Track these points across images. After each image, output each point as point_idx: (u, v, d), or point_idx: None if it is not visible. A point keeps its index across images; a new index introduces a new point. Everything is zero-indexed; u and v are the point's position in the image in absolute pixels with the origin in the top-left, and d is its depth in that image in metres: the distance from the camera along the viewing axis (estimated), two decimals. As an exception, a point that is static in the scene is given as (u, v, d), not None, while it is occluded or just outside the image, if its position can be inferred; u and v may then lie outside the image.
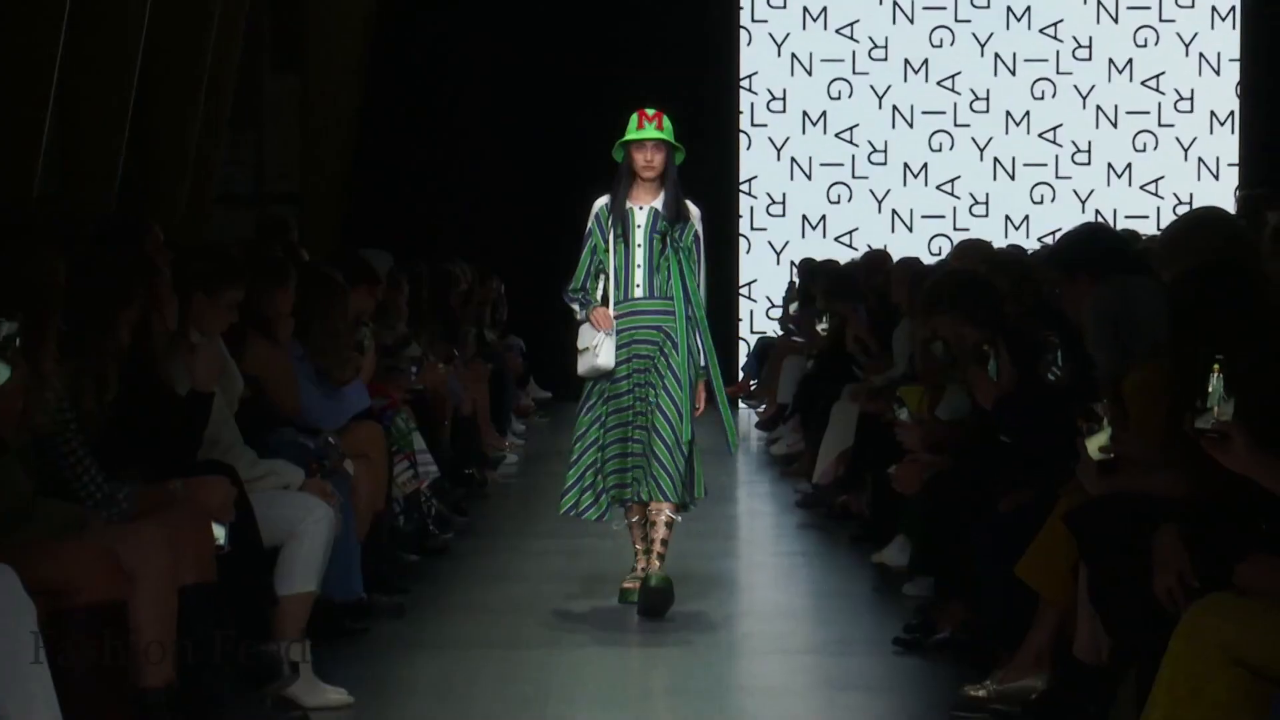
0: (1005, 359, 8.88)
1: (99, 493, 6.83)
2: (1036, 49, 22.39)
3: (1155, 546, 6.22)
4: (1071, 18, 22.33)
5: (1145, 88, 22.39)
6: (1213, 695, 5.59)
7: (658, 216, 10.21)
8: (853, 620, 10.54)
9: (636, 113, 10.17)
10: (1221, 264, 6.59)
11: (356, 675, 8.82)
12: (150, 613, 6.54)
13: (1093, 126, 22.40)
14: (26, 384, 6.12)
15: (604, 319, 10.18)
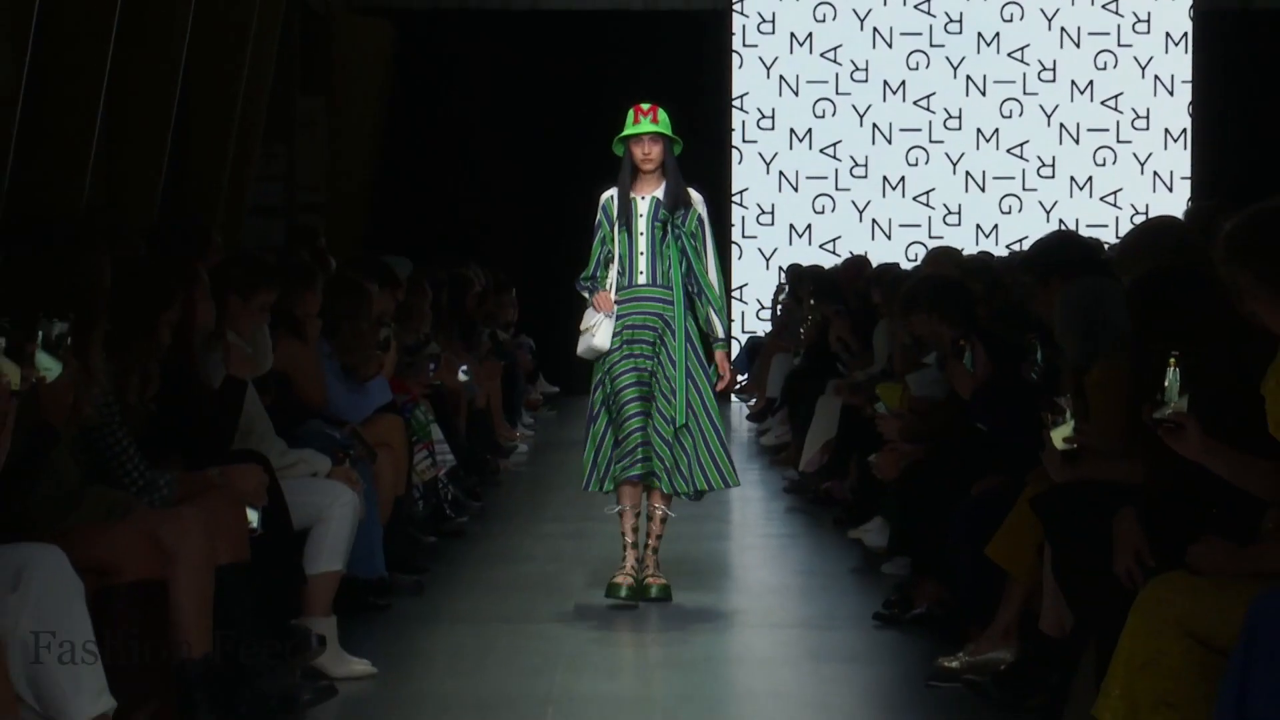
0: (981, 353, 8.88)
1: (142, 480, 6.82)
2: (1005, 71, 22.37)
3: (1115, 529, 6.21)
4: (1037, 42, 22.32)
5: (1105, 107, 22.38)
6: (1167, 665, 5.59)
7: (659, 205, 9.95)
8: (836, 597, 10.52)
9: (633, 109, 9.95)
10: (1176, 269, 6.59)
11: (379, 647, 8.82)
12: (189, 590, 6.54)
13: (1056, 143, 22.39)
14: (76, 379, 6.12)
15: (604, 302, 9.95)
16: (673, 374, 9.87)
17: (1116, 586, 6.08)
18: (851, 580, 10.97)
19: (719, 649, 9.09)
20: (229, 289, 8.60)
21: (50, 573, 5.29)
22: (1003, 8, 22.36)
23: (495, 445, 15.91)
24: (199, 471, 7.35)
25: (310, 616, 8.37)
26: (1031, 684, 7.64)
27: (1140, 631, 5.66)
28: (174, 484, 6.99)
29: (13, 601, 5.15)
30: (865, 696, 8.35)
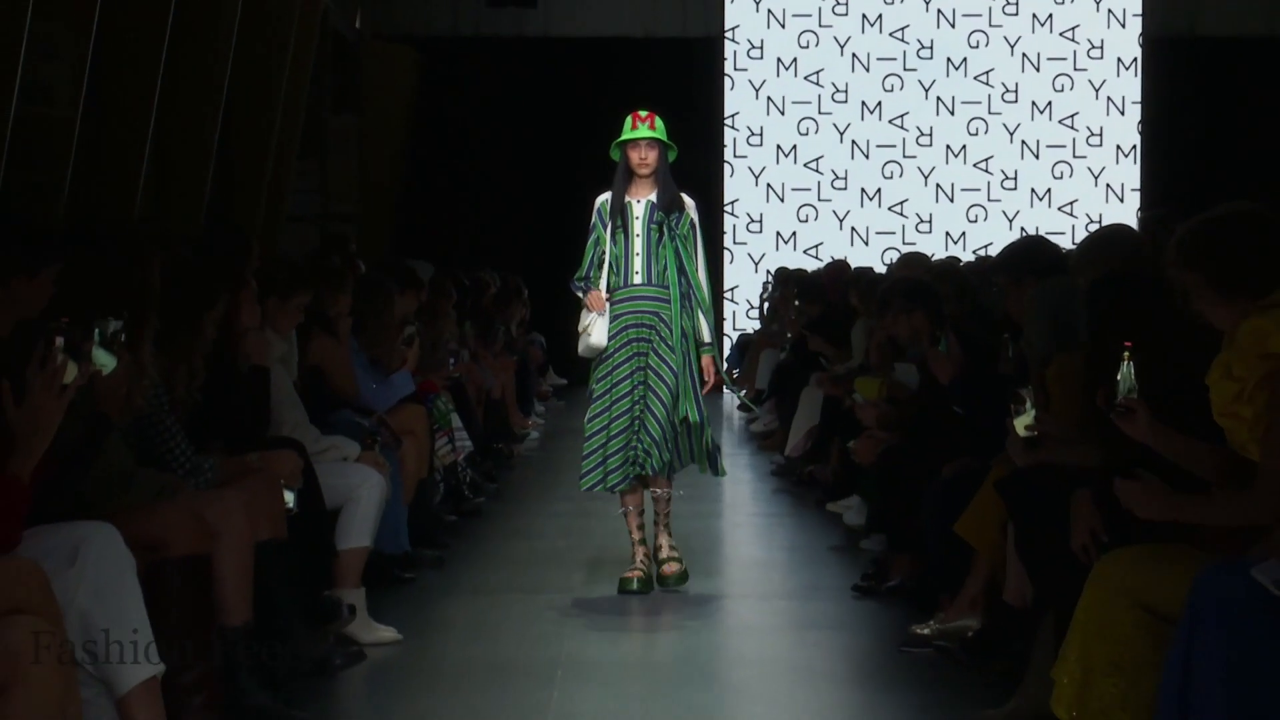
0: (955, 344, 8.87)
1: (188, 464, 6.82)
2: (971, 93, 22.39)
3: (1072, 508, 6.21)
4: (1000, 67, 22.34)
5: (1062, 125, 22.40)
6: (1119, 633, 5.58)
7: (654, 209, 9.47)
8: (818, 570, 10.52)
9: (630, 115, 9.52)
10: (1128, 272, 6.58)
11: (404, 616, 8.82)
12: (231, 564, 6.54)
13: (1018, 158, 22.41)
14: (129, 373, 6.12)
15: (597, 302, 9.45)
16: (668, 373, 9.40)
17: (1073, 561, 6.08)
18: (832, 555, 10.96)
19: (713, 617, 9.09)
20: (268, 290, 8.62)
21: (105, 548, 5.29)
22: (969, 35, 22.37)
23: (509, 432, 15.91)
24: (240, 456, 7.35)
25: (341, 588, 8.38)
26: (996, 649, 7.64)
27: (1094, 602, 5.65)
28: (217, 468, 7.00)
29: (71, 575, 5.14)
30: (845, 661, 8.34)
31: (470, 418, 12.87)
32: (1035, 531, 6.66)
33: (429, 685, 7.81)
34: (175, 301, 7.12)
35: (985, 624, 7.91)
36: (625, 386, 9.43)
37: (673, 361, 9.40)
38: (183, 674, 5.84)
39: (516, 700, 7.46)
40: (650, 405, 9.34)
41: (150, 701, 5.38)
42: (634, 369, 9.43)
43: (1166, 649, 5.22)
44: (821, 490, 12.88)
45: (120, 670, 5.30)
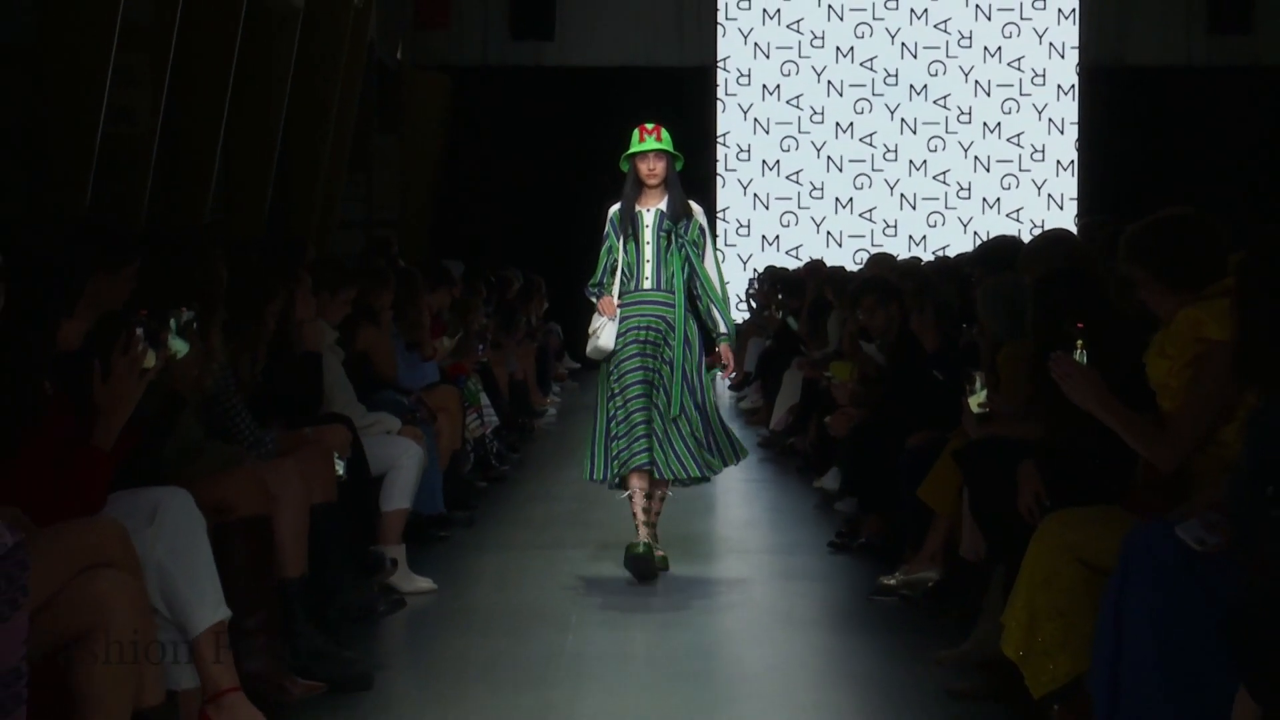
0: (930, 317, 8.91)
1: (251, 437, 6.81)
2: (931, 115, 22.37)
3: (1018, 475, 6.20)
4: (956, 92, 22.32)
5: (1009, 143, 22.38)
6: (1060, 583, 5.57)
7: (662, 217, 8.87)
8: (798, 528, 10.51)
9: (638, 128, 9.00)
10: (1069, 270, 6.57)
11: (439, 568, 8.82)
12: (288, 524, 6.53)
13: (972, 171, 22.39)
14: (200, 357, 6.11)
15: (608, 306, 8.84)
16: (675, 372, 8.82)
17: (1020, 521, 6.07)
18: (811, 515, 10.95)
19: (707, 570, 9.09)
20: (322, 286, 8.63)
21: (179, 510, 5.28)
22: (929, 65, 22.36)
23: (530, 409, 15.92)
24: (296, 430, 7.35)
25: (385, 544, 8.38)
26: (953, 598, 7.64)
27: (1038, 556, 5.65)
28: (276, 440, 6.99)
29: (149, 533, 5.13)
30: (821, 607, 8.33)
31: (496, 396, 12.89)
32: (987, 495, 6.65)
33: (461, 629, 7.81)
34: (240, 295, 7.12)
35: (944, 576, 7.91)
36: (637, 388, 8.82)
37: (673, 366, 8.82)
38: (247, 619, 5.83)
39: (537, 642, 7.46)
40: (660, 405, 8.80)
41: (218, 643, 5.37)
42: (642, 365, 8.84)
43: (1101, 597, 5.22)
44: (801, 459, 12.89)
45: (192, 616, 5.29)
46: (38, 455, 4.86)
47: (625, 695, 6.67)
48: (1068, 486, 6.01)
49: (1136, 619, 5.02)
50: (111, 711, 4.42)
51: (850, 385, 10.85)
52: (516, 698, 6.54)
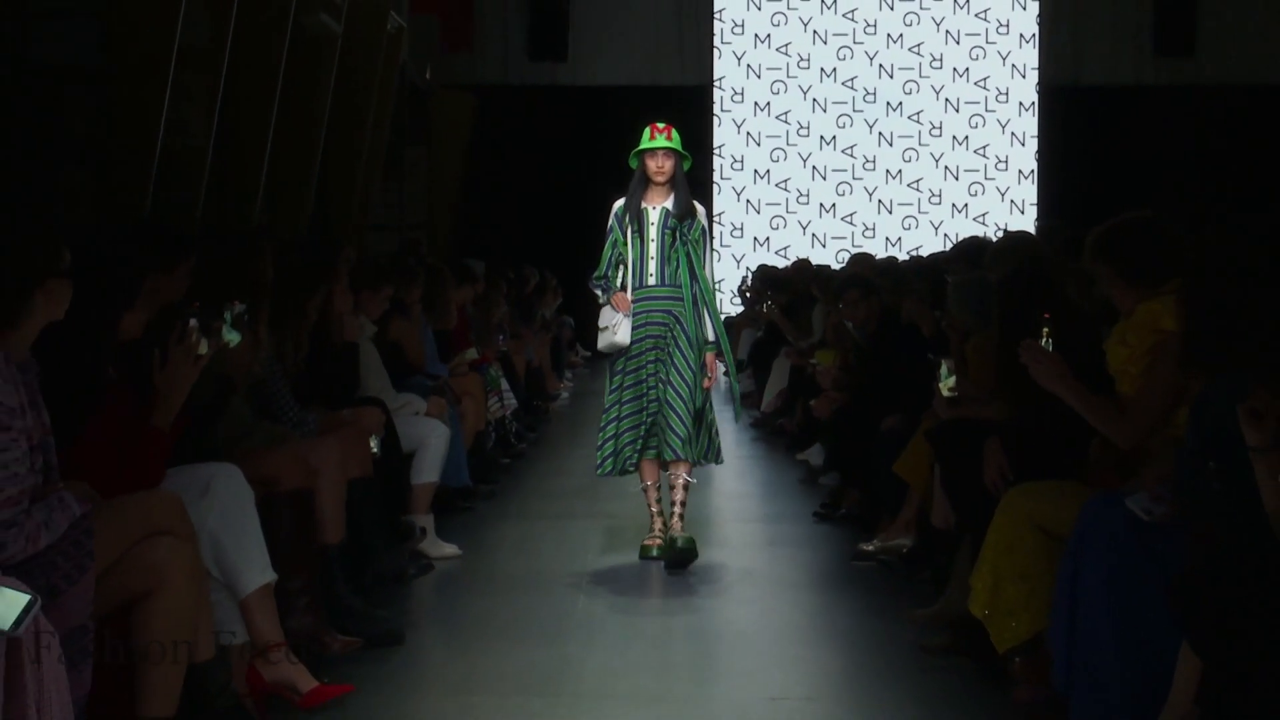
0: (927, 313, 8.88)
1: (295, 418, 6.81)
2: (906, 129, 22.34)
3: (984, 452, 6.19)
4: (928, 108, 22.29)
5: (976, 154, 22.34)
6: (1021, 550, 5.57)
7: (668, 215, 8.23)
8: (786, 500, 10.51)
9: (649, 126, 8.39)
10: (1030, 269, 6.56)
11: (464, 536, 8.82)
12: (328, 496, 6.53)
13: (942, 180, 22.36)
14: (249, 346, 6.11)
15: (623, 303, 8.23)
16: (684, 365, 8.16)
17: (986, 494, 6.06)
18: (798, 488, 10.95)
19: (704, 536, 9.07)
20: (359, 283, 8.64)
21: (230, 483, 5.28)
22: (904, 84, 22.32)
23: (545, 393, 15.91)
24: (335, 412, 7.35)
25: (415, 514, 8.39)
26: (925, 562, 7.65)
27: (1002, 525, 5.65)
28: (317, 421, 6.99)
29: (203, 505, 5.13)
30: (806, 571, 8.33)
31: (515, 382, 12.88)
32: (956, 470, 6.65)
33: (484, 590, 7.80)
34: (284, 290, 7.12)
35: (917, 542, 7.90)
36: (643, 385, 8.26)
37: (690, 358, 8.21)
38: (290, 581, 5.83)
39: (552, 602, 7.46)
40: (669, 398, 8.14)
41: (265, 603, 5.37)
42: (651, 360, 8.24)
43: (1059, 562, 5.22)
44: (789, 438, 12.89)
45: (242, 579, 5.29)
46: (102, 434, 4.86)
47: (631, 649, 6.67)
48: (1029, 462, 6.00)
49: (1091, 582, 5.02)
50: (168, 665, 4.42)
51: (833, 372, 10.85)
52: (534, 652, 6.53)
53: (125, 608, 4.40)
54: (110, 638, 4.34)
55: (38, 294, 4.20)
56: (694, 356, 8.20)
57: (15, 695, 3.49)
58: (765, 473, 12.06)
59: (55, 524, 4.11)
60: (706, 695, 6.02)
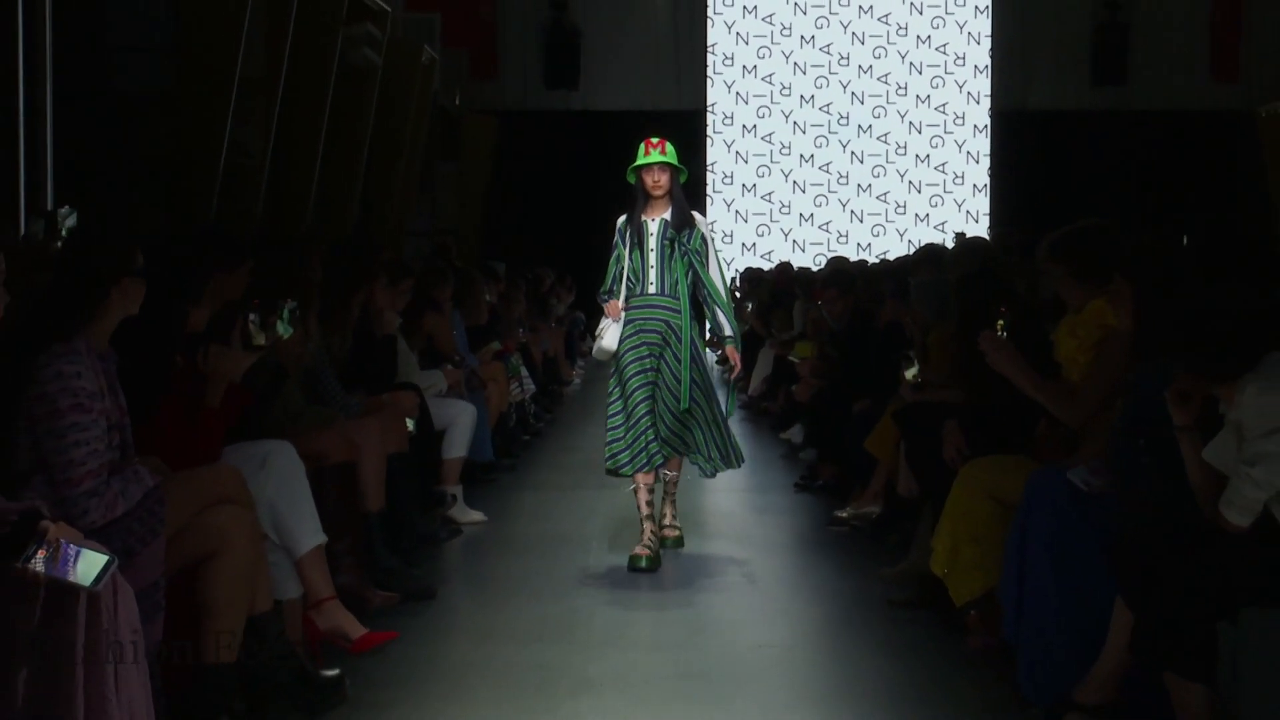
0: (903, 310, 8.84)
1: (340, 401, 6.80)
2: (875, 149, 22.28)
3: (944, 431, 6.19)
4: (894, 131, 22.23)
5: (936, 170, 22.29)
6: (976, 516, 5.57)
7: (666, 226, 7.52)
8: (770, 472, 10.49)
9: (644, 142, 7.70)
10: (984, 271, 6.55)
11: (489, 504, 8.81)
12: (370, 469, 6.53)
13: (906, 193, 22.30)
14: (300, 338, 6.10)
15: (613, 310, 7.55)
16: (678, 368, 7.45)
17: (945, 467, 6.06)
18: (780, 463, 10.93)
19: (698, 504, 9.07)
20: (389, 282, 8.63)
21: (284, 459, 5.27)
22: (873, 109, 22.26)
23: (560, 379, 15.91)
24: (376, 396, 7.34)
25: (446, 484, 8.37)
26: (892, 527, 7.63)
27: (960, 495, 5.64)
28: (360, 404, 6.98)
29: (261, 476, 5.12)
30: (788, 534, 8.32)
31: (533, 369, 12.87)
32: (919, 446, 6.64)
33: (506, 551, 7.80)
34: (331, 290, 7.11)
35: (885, 510, 7.89)
36: (641, 393, 7.45)
37: (681, 365, 7.48)
38: (337, 544, 5.82)
39: (565, 561, 7.46)
40: (664, 401, 7.46)
41: (318, 562, 5.37)
42: (647, 368, 7.47)
43: (1009, 527, 5.21)
44: (773, 419, 12.88)
45: (297, 541, 5.29)
46: (171, 415, 4.85)
47: (634, 603, 6.67)
48: (982, 439, 6.00)
49: (1036, 545, 5.02)
50: (230, 617, 4.42)
51: (811, 361, 10.86)
52: (548, 605, 6.54)
53: (192, 567, 4.39)
54: (180, 594, 4.33)
55: (114, 292, 4.19)
56: (686, 364, 7.47)
57: (95, 644, 3.48)
58: (752, 449, 12.01)
59: (131, 494, 4.10)
60: (699, 643, 6.01)
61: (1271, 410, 4.04)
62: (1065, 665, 4.82)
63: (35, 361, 4.02)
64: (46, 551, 3.44)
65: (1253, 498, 4.10)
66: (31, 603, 3.44)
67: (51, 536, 3.49)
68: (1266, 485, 4.07)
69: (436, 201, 18.45)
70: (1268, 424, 4.05)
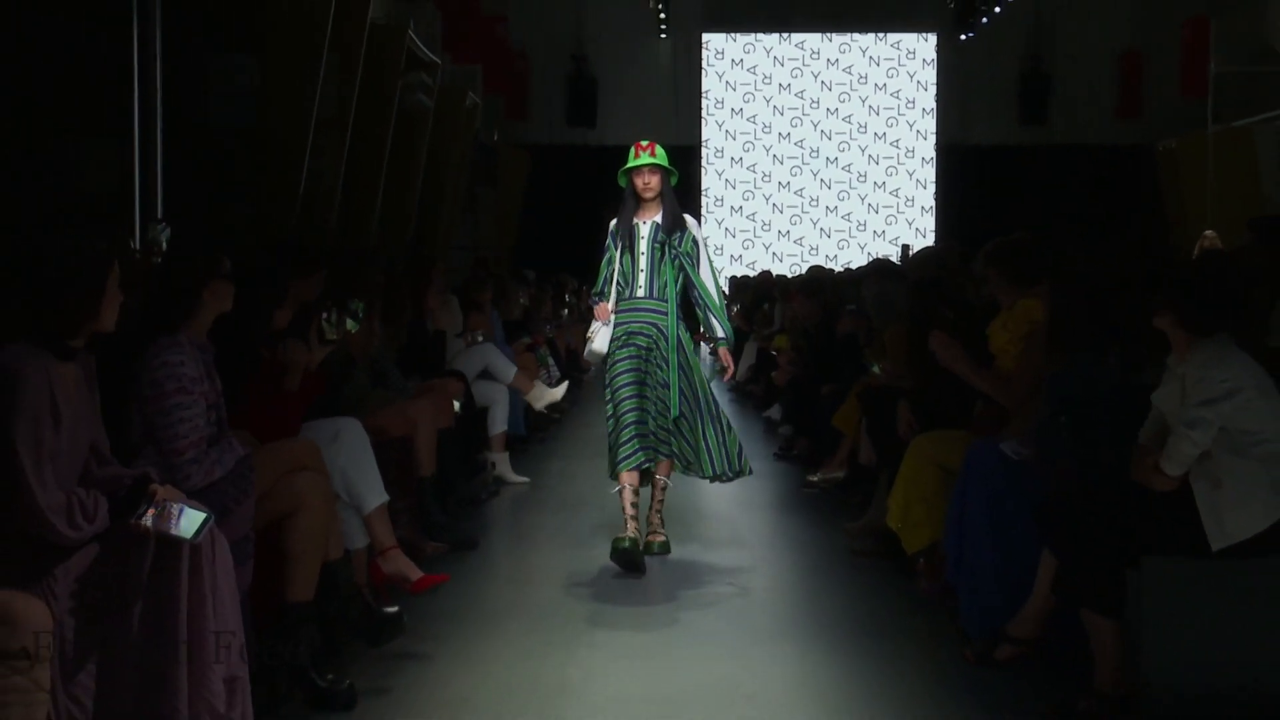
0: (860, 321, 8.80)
1: (399, 385, 6.79)
2: (840, 177, 22.24)
3: (898, 410, 6.16)
4: (856, 162, 22.18)
5: (891, 195, 22.23)
6: (925, 480, 5.55)
7: (657, 229, 6.46)
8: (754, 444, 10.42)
9: (634, 145, 6.67)
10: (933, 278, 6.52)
11: (526, 469, 8.80)
12: (424, 441, 6.50)
13: (866, 213, 22.25)
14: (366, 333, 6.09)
15: (602, 312, 6.50)
16: (665, 375, 6.31)
17: (899, 440, 6.04)
18: (762, 436, 10.91)
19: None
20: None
21: (353, 433, 5.25)
22: (839, 144, 22.21)
23: (580, 368, 15.86)
24: (428, 380, 7.33)
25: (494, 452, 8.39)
26: (854, 489, 7.62)
27: (910, 463, 5.62)
28: (414, 387, 6.96)
29: (334, 448, 5.10)
30: (767, 495, 8.30)
31: (558, 359, 12.84)
32: (877, 423, 6.62)
33: (536, 509, 7.79)
34: (391, 293, 7.09)
35: (848, 475, 7.87)
36: (627, 390, 6.38)
37: (669, 369, 6.33)
38: (396, 503, 5.80)
39: (585, 517, 7.46)
40: (654, 404, 6.35)
41: (382, 517, 5.34)
42: (632, 368, 6.36)
43: (952, 489, 5.19)
44: (756, 400, 12.85)
45: (364, 500, 5.26)
46: (258, 397, 4.84)
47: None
48: (930, 417, 5.97)
49: (974, 504, 5.00)
50: (308, 563, 4.40)
51: (787, 352, 10.83)
52: (572, 553, 6.53)
53: (276, 522, 4.37)
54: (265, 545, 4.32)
55: (205, 292, 4.17)
56: (674, 371, 6.31)
57: (197, 586, 3.48)
58: (738, 425, 11.94)
59: (225, 462, 4.09)
60: (695, 584, 5.99)
61: (1209, 384, 4.09)
62: (999, 604, 4.80)
63: (145, 352, 4.03)
64: (155, 510, 3.44)
65: (1188, 454, 4.13)
66: (143, 552, 3.44)
67: (159, 497, 3.48)
68: (1200, 444, 4.11)
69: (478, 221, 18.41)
70: (1205, 394, 4.09)
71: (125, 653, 3.40)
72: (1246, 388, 4.11)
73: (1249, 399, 4.10)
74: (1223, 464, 4.14)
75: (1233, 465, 4.13)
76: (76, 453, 3.51)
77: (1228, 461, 4.13)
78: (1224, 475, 4.14)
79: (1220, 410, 4.09)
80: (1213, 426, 4.09)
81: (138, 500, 3.47)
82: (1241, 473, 4.13)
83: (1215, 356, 4.14)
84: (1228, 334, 4.19)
